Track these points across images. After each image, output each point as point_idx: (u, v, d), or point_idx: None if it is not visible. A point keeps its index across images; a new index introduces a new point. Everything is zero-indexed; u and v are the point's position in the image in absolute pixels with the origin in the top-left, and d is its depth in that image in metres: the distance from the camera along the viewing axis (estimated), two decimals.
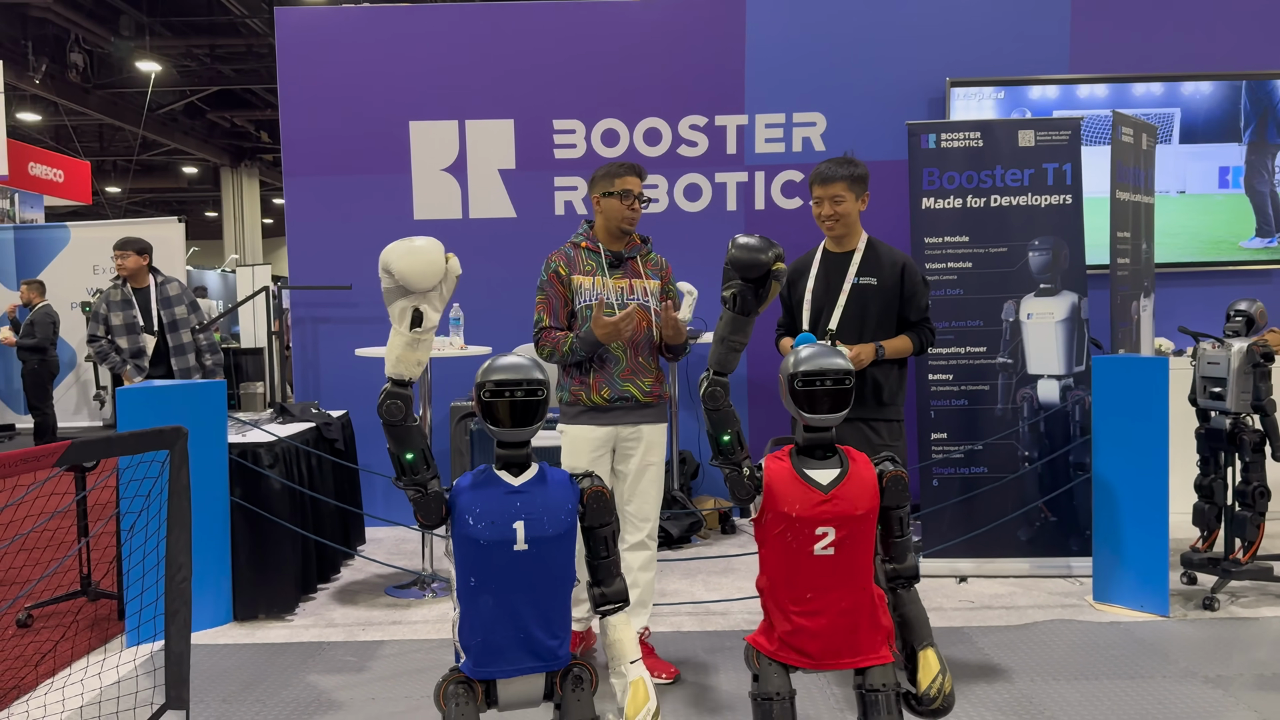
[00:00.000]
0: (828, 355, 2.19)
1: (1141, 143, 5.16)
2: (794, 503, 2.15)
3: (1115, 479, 4.30)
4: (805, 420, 2.19)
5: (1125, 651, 3.82)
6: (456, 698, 2.07)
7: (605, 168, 3.66)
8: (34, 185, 15.46)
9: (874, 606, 2.20)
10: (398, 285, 2.09)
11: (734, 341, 2.30)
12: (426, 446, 2.13)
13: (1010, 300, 4.86)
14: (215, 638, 4.13)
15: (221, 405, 4.26)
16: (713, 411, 2.27)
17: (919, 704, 2.16)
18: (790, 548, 2.17)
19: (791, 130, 5.94)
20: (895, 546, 2.26)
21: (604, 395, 3.53)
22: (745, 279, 2.28)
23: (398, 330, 2.11)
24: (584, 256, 3.63)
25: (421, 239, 2.11)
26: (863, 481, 2.19)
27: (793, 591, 2.18)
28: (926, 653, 2.19)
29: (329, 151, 5.98)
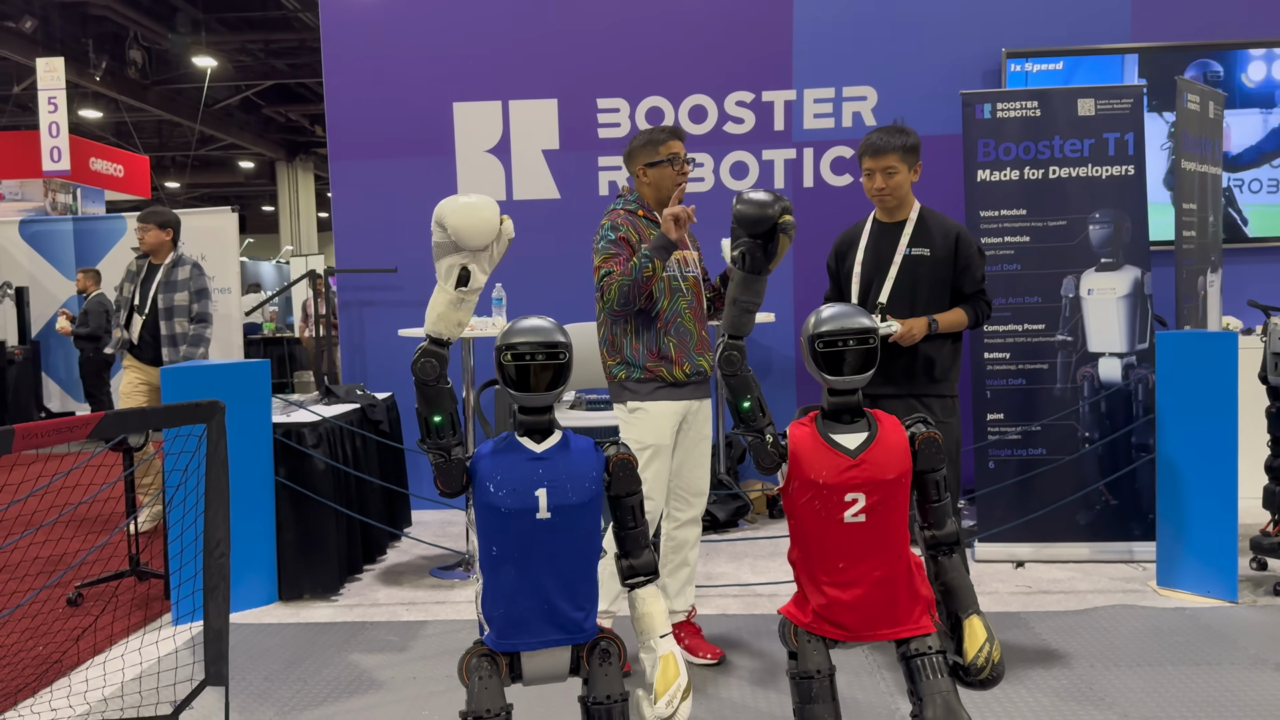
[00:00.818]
0: (850, 314, 2.09)
1: (1209, 110, 4.95)
2: (820, 469, 2.06)
3: (1181, 460, 4.12)
4: (828, 383, 2.09)
5: (1191, 638, 3.66)
6: (480, 671, 2.01)
7: (643, 136, 3.49)
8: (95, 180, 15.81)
9: (911, 575, 2.09)
10: (450, 240, 2.03)
11: (746, 302, 2.20)
12: (455, 411, 2.07)
13: (1070, 275, 4.69)
14: (260, 617, 4.14)
15: (266, 385, 4.26)
16: (730, 377, 2.17)
17: (966, 674, 2.05)
18: (819, 516, 2.07)
19: (841, 105, 5.80)
20: (933, 512, 2.15)
21: (685, 370, 3.41)
22: (753, 235, 2.18)
23: (442, 288, 2.06)
24: (645, 225, 3.45)
25: (479, 196, 2.05)
26: (892, 444, 2.08)
27: (824, 562, 2.09)
28: (972, 621, 2.08)
29: (374, 135, 5.97)
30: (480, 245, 2.03)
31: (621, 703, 2.01)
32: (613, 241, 3.37)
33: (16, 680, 3.49)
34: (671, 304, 3.42)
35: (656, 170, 3.45)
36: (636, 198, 3.51)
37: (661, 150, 3.44)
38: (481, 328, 4.64)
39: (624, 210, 3.47)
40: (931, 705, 1.99)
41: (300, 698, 3.31)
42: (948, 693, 2.01)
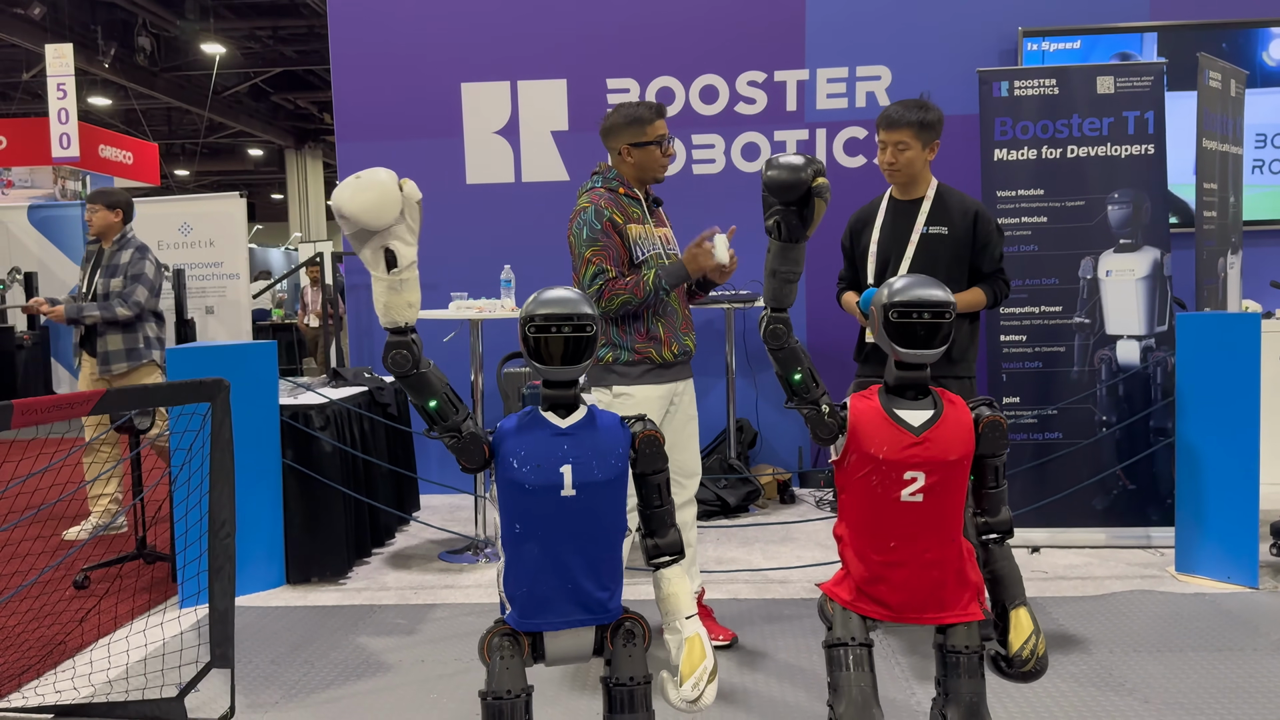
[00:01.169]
0: (926, 285, 2.01)
1: (1230, 89, 4.85)
2: (882, 444, 1.99)
3: (1201, 443, 4.05)
4: (898, 355, 2.01)
5: (1211, 623, 3.59)
6: (501, 650, 1.96)
7: (626, 113, 3.33)
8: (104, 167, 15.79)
9: (962, 560, 2.02)
10: (360, 228, 1.91)
11: (786, 273, 2.10)
12: (449, 390, 1.99)
13: (1088, 257, 4.61)
14: (267, 600, 4.10)
15: (272, 366, 4.21)
16: (777, 351, 2.10)
17: (1009, 666, 1.99)
18: (875, 493, 2.00)
19: (855, 85, 5.72)
20: (989, 498, 2.09)
21: (674, 351, 3.35)
22: (786, 203, 2.06)
23: (377, 277, 1.95)
24: (627, 203, 3.34)
25: (368, 171, 1.93)
26: (958, 425, 2.01)
27: (875, 540, 2.02)
28: (1019, 612, 2.01)
29: (381, 115, 5.91)
30: (389, 221, 1.91)
31: (645, 685, 1.95)
32: (600, 231, 3.23)
33: (21, 662, 3.46)
34: None
35: (642, 151, 3.33)
36: (616, 175, 3.37)
37: (649, 131, 3.31)
38: (490, 309, 4.59)
39: (604, 189, 3.34)
40: (957, 704, 1.94)
41: (307, 680, 3.28)
42: (976, 695, 1.95)
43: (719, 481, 5.46)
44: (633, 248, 3.29)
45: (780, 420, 5.96)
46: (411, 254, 1.95)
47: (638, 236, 3.31)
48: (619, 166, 3.39)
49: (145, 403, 2.67)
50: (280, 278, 7.86)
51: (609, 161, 3.42)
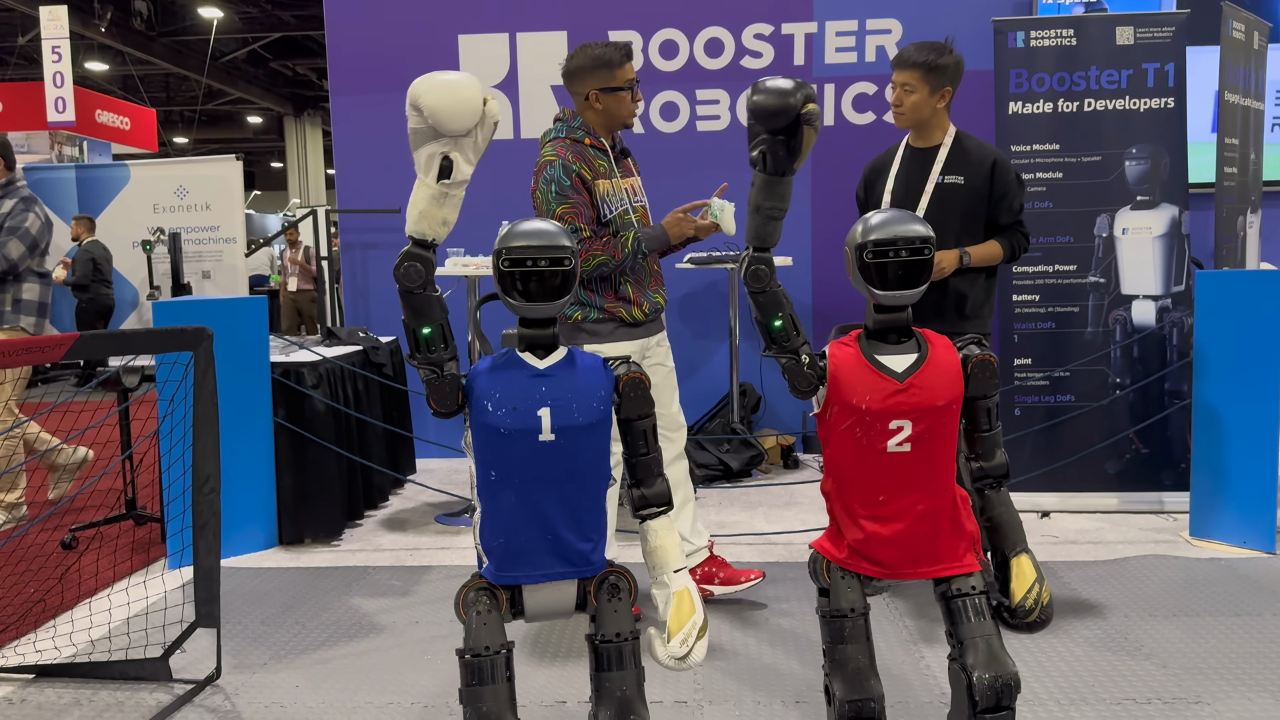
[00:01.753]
0: (903, 220, 1.87)
1: (1253, 41, 4.69)
2: (864, 393, 1.87)
3: (1220, 405, 3.93)
4: (876, 298, 1.88)
5: (1228, 588, 3.49)
6: (478, 605, 1.85)
7: (593, 55, 3.12)
8: (101, 133, 15.62)
9: (956, 509, 1.91)
10: (427, 125, 1.81)
11: (771, 209, 1.95)
12: (446, 323, 1.88)
13: (1104, 214, 4.46)
14: (259, 561, 4.01)
15: (263, 321, 4.09)
16: (758, 294, 1.96)
17: (1013, 616, 1.88)
18: (860, 445, 1.88)
19: (864, 39, 5.54)
20: (982, 442, 1.97)
21: (644, 310, 3.21)
22: (773, 132, 1.91)
23: (423, 181, 1.84)
24: (593, 155, 3.15)
25: (459, 74, 1.82)
26: (944, 368, 1.89)
27: (863, 495, 1.90)
28: (1020, 560, 1.90)
29: (376, 68, 5.74)
30: (462, 130, 1.81)
31: (632, 641, 1.84)
32: (570, 188, 3.06)
33: (2, 622, 3.37)
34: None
35: (612, 97, 3.13)
36: (581, 123, 3.18)
37: (618, 75, 3.12)
38: (487, 266, 4.46)
39: (568, 140, 3.15)
40: (973, 650, 1.82)
41: (297, 641, 3.18)
42: (991, 636, 1.84)
43: (722, 445, 5.35)
44: (600, 205, 3.13)
45: (784, 384, 5.79)
46: (468, 171, 1.85)
47: (605, 193, 3.15)
48: (585, 113, 3.19)
49: (124, 349, 2.55)
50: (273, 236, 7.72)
51: (573, 108, 3.24)
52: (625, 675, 1.82)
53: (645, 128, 5.65)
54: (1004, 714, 1.79)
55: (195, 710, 2.72)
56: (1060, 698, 2.67)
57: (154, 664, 2.89)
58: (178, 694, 2.79)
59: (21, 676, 2.94)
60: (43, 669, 2.96)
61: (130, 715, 2.69)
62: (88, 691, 2.84)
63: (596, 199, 3.12)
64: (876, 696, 1.82)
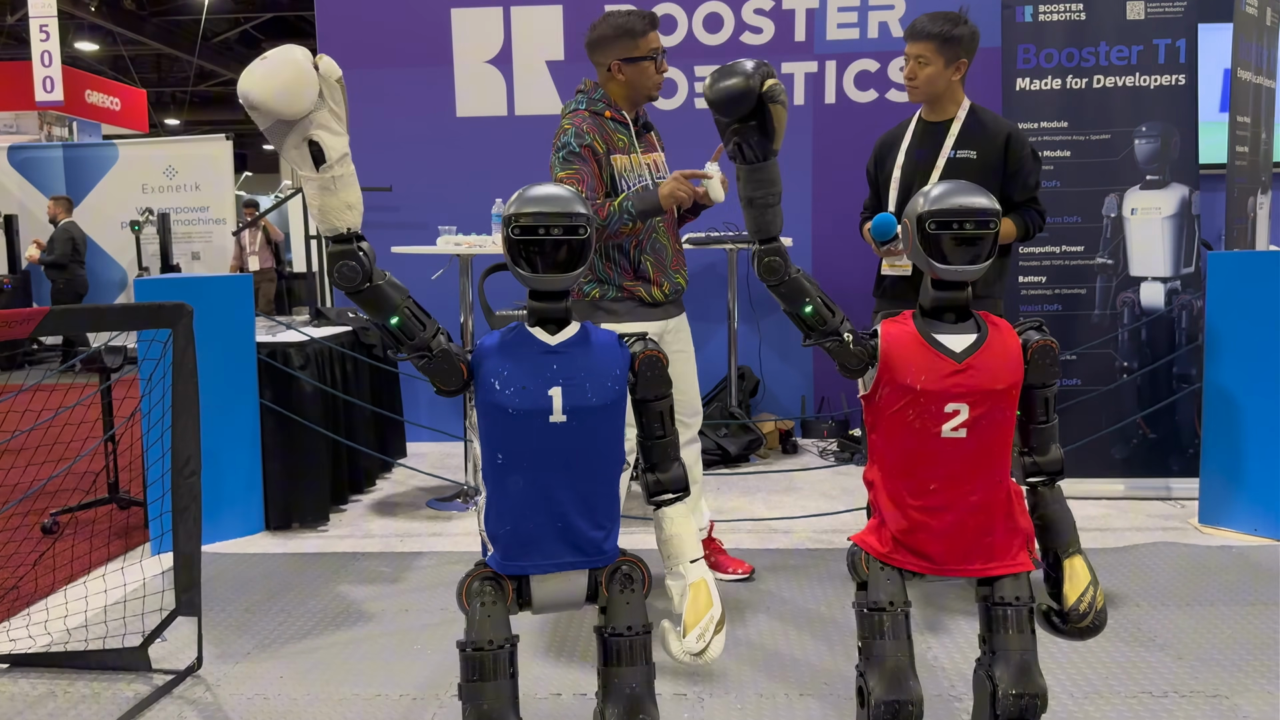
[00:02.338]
0: (967, 191, 1.75)
1: (1266, 17, 4.57)
2: (919, 373, 1.75)
3: (1231, 390, 3.83)
4: (936, 273, 1.76)
5: (1239, 576, 3.40)
6: (482, 596, 1.74)
7: (616, 23, 3.05)
8: (91, 113, 15.43)
9: (1011, 504, 1.79)
10: (274, 119, 1.62)
11: (763, 198, 1.82)
12: (411, 303, 1.72)
13: (1112, 194, 4.35)
14: (245, 547, 3.90)
15: (248, 301, 3.97)
16: (777, 286, 1.83)
17: (1064, 621, 1.77)
18: (912, 428, 1.76)
19: (867, 14, 5.41)
20: (1038, 434, 1.85)
21: (664, 290, 3.15)
22: (742, 120, 1.76)
23: (306, 177, 1.66)
24: (613, 129, 3.08)
25: (277, 50, 1.62)
26: (1005, 351, 1.77)
27: (913, 482, 1.79)
28: (1074, 561, 1.79)
29: (366, 41, 5.59)
30: (308, 107, 1.61)
31: (644, 635, 1.73)
32: (575, 152, 2.98)
33: None
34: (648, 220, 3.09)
35: (635, 67, 3.06)
36: (602, 95, 3.11)
37: (641, 45, 3.04)
38: (480, 245, 4.34)
39: (588, 112, 3.08)
40: (1005, 662, 1.72)
41: (282, 630, 3.07)
42: (1027, 652, 1.74)
43: (720, 430, 5.25)
44: (618, 180, 3.05)
45: (783, 368, 5.73)
46: (342, 145, 1.66)
47: (623, 169, 3.07)
48: (607, 85, 3.12)
49: (98, 326, 2.43)
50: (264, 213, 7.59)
51: (596, 79, 3.16)
52: (635, 671, 1.71)
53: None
54: None
55: (175, 702, 2.62)
56: (1075, 691, 2.58)
57: (132, 654, 2.79)
58: (157, 685, 2.69)
59: None
60: (16, 658, 2.85)
61: (107, 707, 2.59)
62: (63, 682, 2.73)
63: (614, 173, 3.04)
64: (916, 700, 1.70)
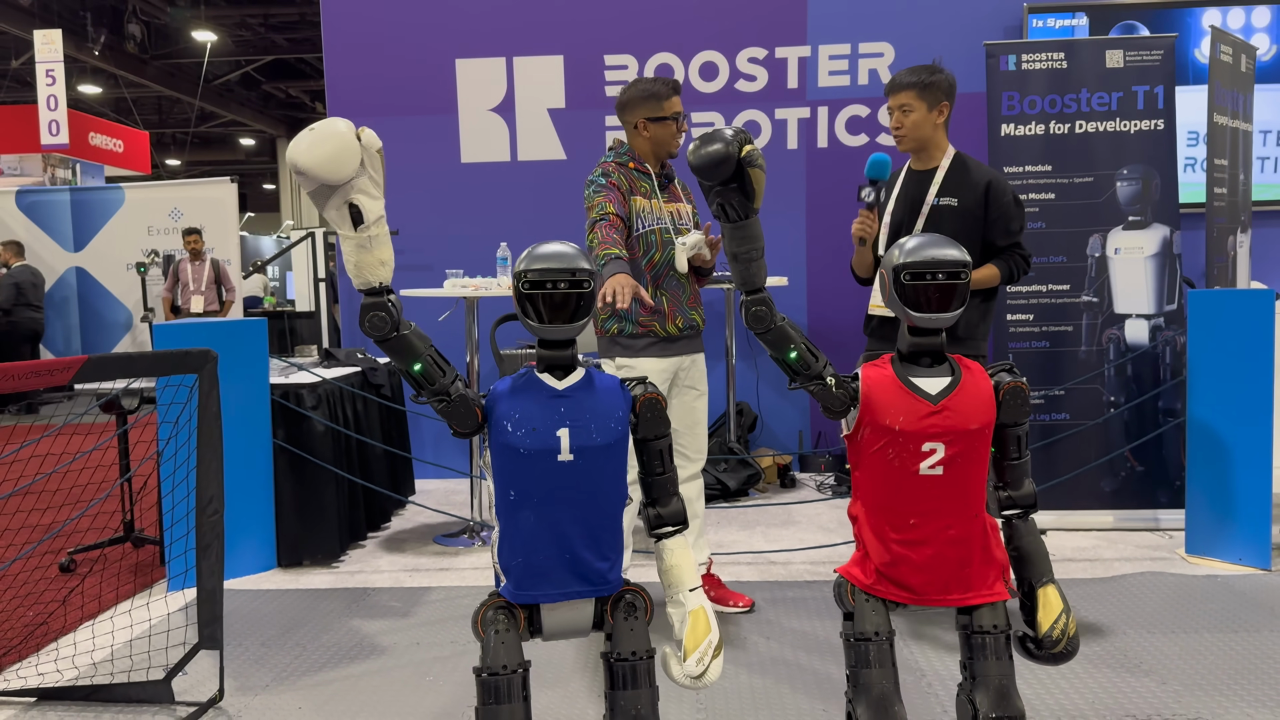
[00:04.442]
0: (940, 244, 1.89)
1: (1241, 64, 4.76)
2: (898, 414, 1.88)
3: (1213, 423, 3.97)
4: (912, 320, 1.90)
5: (1225, 604, 3.51)
6: (496, 624, 1.86)
7: (643, 88, 3.40)
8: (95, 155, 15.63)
9: (987, 537, 1.92)
10: (318, 184, 1.78)
11: (747, 253, 1.97)
12: (434, 351, 1.87)
13: (1096, 234, 4.52)
14: (258, 583, 4.00)
15: (263, 343, 4.11)
16: (764, 334, 1.97)
17: (1039, 647, 1.89)
18: (892, 466, 1.89)
19: (857, 62, 5.61)
20: (1011, 470, 1.98)
21: (678, 325, 3.36)
22: (723, 183, 1.93)
23: (344, 235, 1.83)
24: (636, 177, 3.41)
25: (323, 122, 1.81)
26: (977, 392, 1.90)
27: (893, 517, 1.91)
28: (1047, 590, 1.91)
29: (374, 92, 5.79)
30: (349, 174, 1.78)
31: (647, 660, 1.85)
32: (603, 187, 3.32)
33: (2, 645, 3.36)
34: (664, 257, 3.36)
35: (659, 126, 3.39)
36: (628, 149, 3.46)
37: (665, 107, 3.39)
38: (485, 287, 4.49)
39: (615, 162, 3.43)
40: (985, 687, 1.84)
41: (299, 663, 3.18)
42: (1005, 678, 1.86)
43: (719, 465, 5.37)
44: (634, 219, 3.33)
45: (781, 404, 5.87)
46: (378, 208, 1.82)
47: (640, 209, 3.36)
48: (633, 141, 3.45)
49: (130, 372, 2.56)
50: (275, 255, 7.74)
51: (624, 138, 3.49)
52: (640, 694, 1.83)
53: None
54: None
55: None
56: (1062, 715, 2.68)
57: (156, 687, 2.89)
58: (180, 716, 2.79)
59: (23, 700, 2.93)
60: (45, 692, 2.95)
61: None
62: (90, 715, 2.83)
63: (632, 210, 3.34)
64: None
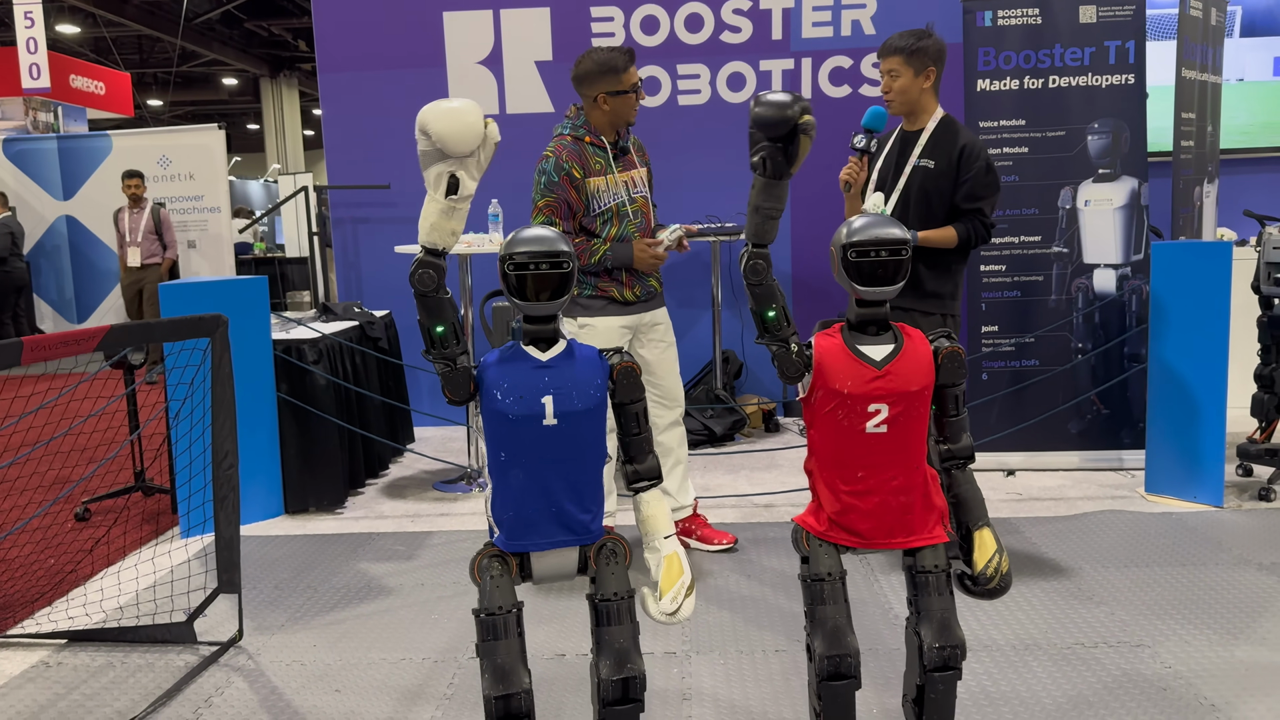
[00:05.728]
0: (882, 224, 2.07)
1: (1210, 17, 4.88)
2: (846, 379, 2.07)
3: (1172, 368, 4.18)
4: (858, 294, 2.08)
5: (1177, 540, 3.76)
6: (491, 570, 2.07)
7: (599, 60, 3.43)
8: (76, 98, 15.46)
9: (927, 486, 2.13)
10: (435, 148, 2.00)
11: (769, 209, 2.14)
12: (458, 320, 2.08)
13: (1067, 186, 4.68)
14: (267, 529, 4.21)
15: (264, 301, 4.26)
16: (755, 286, 2.15)
17: (975, 584, 2.11)
18: (841, 426, 2.10)
19: (840, 13, 5.70)
20: (950, 426, 2.19)
21: (635, 292, 3.57)
22: (772, 139, 2.10)
23: (433, 197, 2.03)
24: (591, 153, 3.48)
25: (461, 100, 2.02)
26: (918, 357, 2.10)
27: (843, 471, 2.12)
28: (982, 532, 2.13)
29: (363, 45, 5.85)
30: (466, 151, 2.00)
31: (628, 599, 2.07)
32: (554, 182, 3.41)
33: (33, 590, 3.57)
34: (620, 230, 3.54)
35: (618, 100, 3.45)
36: (584, 122, 3.50)
37: (624, 80, 3.44)
38: (478, 244, 4.63)
39: (570, 137, 3.48)
40: (929, 620, 2.06)
41: (311, 604, 3.40)
42: (946, 611, 2.08)
43: (706, 411, 5.57)
44: (590, 201, 3.46)
45: (765, 351, 6.03)
46: (473, 187, 2.04)
47: (597, 189, 3.48)
48: (591, 113, 3.50)
49: (149, 338, 2.73)
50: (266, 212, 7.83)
51: (581, 104, 3.54)
52: (623, 630, 2.05)
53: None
54: (950, 673, 2.04)
55: (222, 670, 2.94)
56: (1016, 644, 2.93)
57: (180, 628, 3.11)
58: (204, 655, 3.01)
59: (55, 642, 3.15)
60: (74, 634, 3.17)
61: (161, 675, 2.90)
62: (119, 654, 3.05)
63: (586, 195, 3.44)
64: (853, 652, 2.05)
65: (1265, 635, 2.93)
